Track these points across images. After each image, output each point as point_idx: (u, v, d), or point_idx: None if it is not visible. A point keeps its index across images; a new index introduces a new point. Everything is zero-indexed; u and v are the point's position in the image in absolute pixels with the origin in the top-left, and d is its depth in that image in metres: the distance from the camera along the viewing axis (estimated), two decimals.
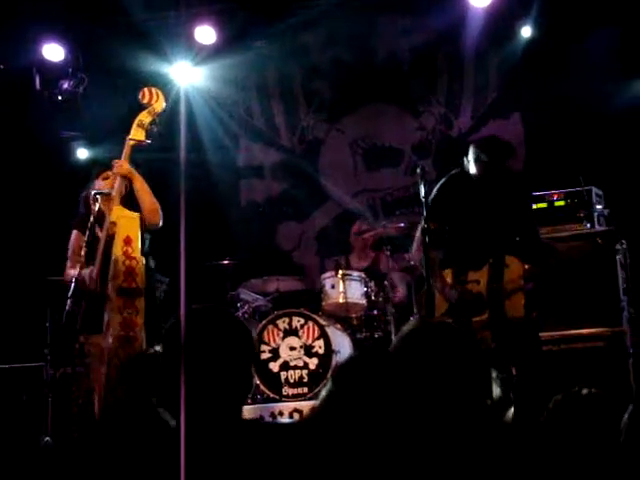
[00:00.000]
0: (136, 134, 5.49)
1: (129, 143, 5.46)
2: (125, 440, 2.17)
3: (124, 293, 5.03)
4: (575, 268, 6.32)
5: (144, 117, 5.52)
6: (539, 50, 8.32)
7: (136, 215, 5.28)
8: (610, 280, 6.23)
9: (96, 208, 5.26)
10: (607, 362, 6.07)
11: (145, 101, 5.56)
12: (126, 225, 5.19)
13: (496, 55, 8.80)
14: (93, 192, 5.33)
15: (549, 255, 5.35)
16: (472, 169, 5.25)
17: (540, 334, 6.31)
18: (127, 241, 5.13)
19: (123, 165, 5.37)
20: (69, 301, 5.00)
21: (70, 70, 8.07)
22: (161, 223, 5.38)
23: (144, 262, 5.14)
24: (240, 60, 8.67)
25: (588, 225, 6.52)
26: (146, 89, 5.60)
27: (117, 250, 5.10)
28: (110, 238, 5.17)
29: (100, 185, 5.45)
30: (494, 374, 2.50)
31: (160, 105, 5.56)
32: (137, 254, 5.13)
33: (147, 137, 5.50)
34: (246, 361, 2.42)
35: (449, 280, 5.24)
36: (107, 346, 4.96)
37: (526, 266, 5.10)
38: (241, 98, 9.57)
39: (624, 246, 6.50)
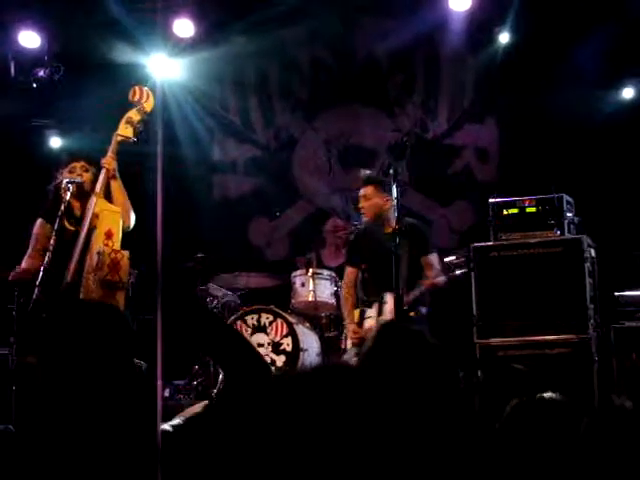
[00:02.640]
0: (124, 130, 5.47)
1: (116, 139, 5.44)
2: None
3: (107, 286, 5.01)
4: (544, 274, 6.37)
5: (133, 115, 5.51)
6: (516, 56, 8.37)
7: (118, 209, 5.27)
8: (578, 287, 6.28)
9: (67, 197, 5.22)
10: (572, 368, 6.11)
11: (135, 99, 5.54)
12: (108, 219, 5.18)
13: (473, 60, 8.84)
14: (65, 181, 5.28)
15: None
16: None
17: (507, 339, 6.39)
18: (108, 235, 5.13)
19: (111, 161, 5.35)
20: (36, 289, 4.96)
21: (46, 58, 8.01)
22: (132, 225, 5.38)
23: (128, 256, 5.13)
24: (217, 54, 8.64)
25: (558, 232, 6.55)
26: (137, 87, 5.58)
27: (98, 243, 5.08)
28: (90, 231, 5.15)
29: (67, 176, 5.40)
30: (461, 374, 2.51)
31: (150, 105, 5.55)
32: (118, 248, 5.12)
33: (134, 135, 5.48)
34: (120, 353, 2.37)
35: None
36: None
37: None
38: (217, 93, 9.53)
39: (592, 254, 6.55)
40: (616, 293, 6.75)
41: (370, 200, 6.19)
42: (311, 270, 7.29)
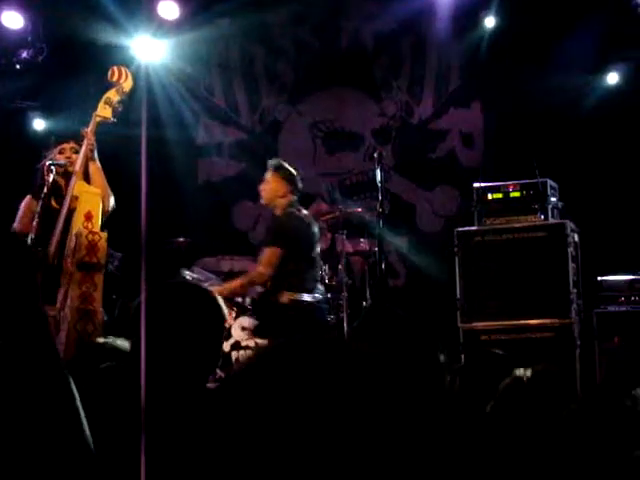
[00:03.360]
0: (103, 111, 5.43)
1: (95, 120, 5.40)
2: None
3: (84, 267, 4.99)
4: (527, 259, 6.40)
5: (112, 95, 5.46)
6: (502, 41, 8.36)
7: (98, 191, 5.24)
8: (561, 272, 6.31)
9: (50, 179, 5.20)
10: (555, 352, 6.15)
11: (114, 79, 5.50)
12: (88, 200, 5.15)
13: (459, 44, 8.82)
14: (48, 163, 5.26)
15: None
16: None
17: (490, 323, 6.42)
18: (88, 216, 5.09)
19: (91, 141, 5.32)
20: None
21: (29, 39, 7.94)
22: (110, 208, 5.35)
23: (106, 238, 5.10)
24: (202, 37, 8.60)
25: (542, 217, 6.58)
26: (115, 67, 5.54)
27: (78, 225, 5.06)
28: (70, 212, 5.12)
29: (56, 158, 5.39)
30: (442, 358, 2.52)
31: (129, 85, 5.51)
32: (97, 230, 5.10)
33: (113, 115, 5.46)
34: (213, 335, 2.43)
35: None
36: (65, 319, 4.91)
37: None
38: (202, 75, 9.49)
39: (576, 239, 6.58)
40: (599, 278, 6.79)
41: (268, 185, 6.37)
42: None
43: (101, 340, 3.15)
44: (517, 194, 6.70)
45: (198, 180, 9.66)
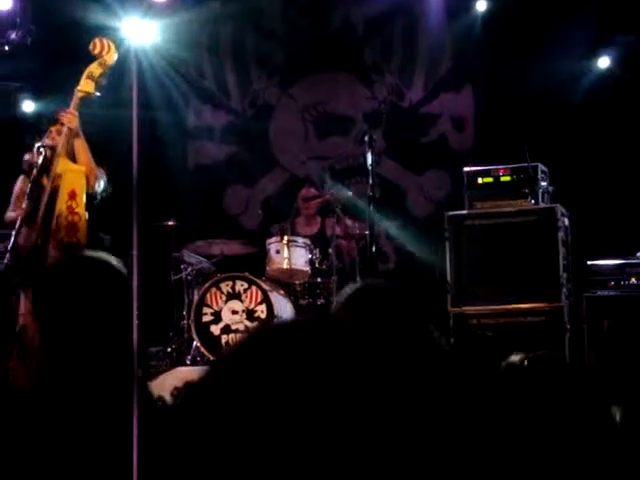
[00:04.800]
0: (85, 86, 5.35)
1: (77, 95, 5.32)
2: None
3: (66, 248, 4.96)
4: (517, 243, 6.41)
5: (94, 69, 5.36)
6: (493, 24, 8.35)
7: (82, 169, 5.19)
8: (551, 256, 6.33)
9: (39, 161, 5.17)
10: (544, 336, 6.17)
11: (96, 52, 5.40)
12: (71, 179, 5.10)
13: (451, 28, 8.80)
14: (37, 145, 5.24)
15: None
16: None
17: (480, 307, 6.43)
18: (72, 195, 5.05)
19: (73, 118, 5.27)
20: (8, 254, 4.92)
21: (18, 20, 7.88)
22: (97, 188, 5.31)
23: (86, 218, 5.07)
24: (193, 18, 8.55)
25: (532, 201, 6.59)
26: (97, 40, 5.43)
27: (61, 204, 5.02)
28: (54, 191, 5.09)
29: (44, 140, 5.36)
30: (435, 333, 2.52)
31: (111, 57, 5.40)
32: (81, 209, 5.05)
33: (96, 89, 5.38)
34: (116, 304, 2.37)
35: None
36: None
37: None
38: (192, 58, 9.43)
39: (566, 223, 6.59)
40: (589, 262, 6.80)
41: None
42: (286, 237, 7.28)
43: None
44: (507, 178, 6.71)
45: (189, 163, 9.62)
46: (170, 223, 7.69)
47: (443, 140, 9.01)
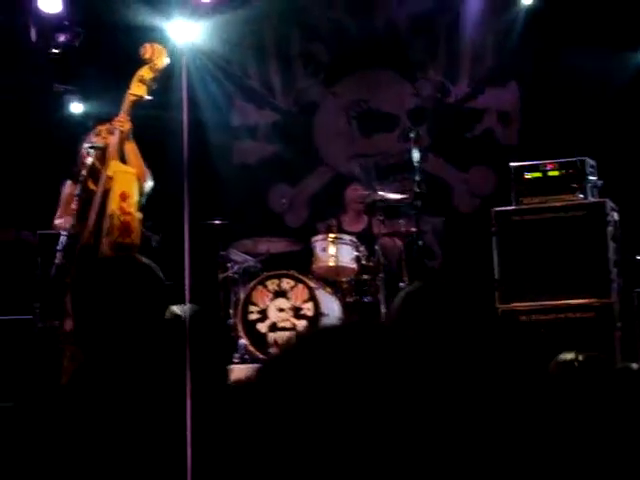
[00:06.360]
0: (137, 89, 5.39)
1: (129, 98, 5.36)
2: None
3: (119, 249, 5.01)
4: (566, 239, 6.34)
5: (145, 73, 5.40)
6: (538, 18, 8.28)
7: (133, 170, 5.23)
8: (600, 251, 6.25)
9: (89, 162, 5.23)
10: (594, 333, 6.10)
11: (147, 57, 5.46)
12: (123, 180, 5.15)
13: (495, 23, 8.76)
14: (86, 146, 5.30)
15: None
16: None
17: (529, 303, 6.38)
18: (123, 197, 5.10)
19: (125, 122, 5.31)
20: (59, 254, 4.99)
21: (66, 23, 7.98)
22: (149, 188, 5.35)
23: (140, 218, 5.12)
24: (238, 18, 8.59)
25: (581, 196, 6.51)
26: (148, 45, 5.49)
27: (113, 205, 5.06)
28: (105, 193, 5.14)
29: (93, 140, 5.41)
30: None
31: (161, 62, 5.45)
32: (133, 210, 5.10)
33: (148, 93, 5.43)
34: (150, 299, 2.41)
35: None
36: None
37: None
38: (237, 57, 9.47)
39: (615, 218, 6.51)
40: (639, 257, 6.71)
41: None
42: (332, 235, 7.28)
43: None
44: (556, 173, 6.63)
45: (234, 162, 9.67)
46: (217, 222, 7.74)
47: (489, 135, 8.96)
